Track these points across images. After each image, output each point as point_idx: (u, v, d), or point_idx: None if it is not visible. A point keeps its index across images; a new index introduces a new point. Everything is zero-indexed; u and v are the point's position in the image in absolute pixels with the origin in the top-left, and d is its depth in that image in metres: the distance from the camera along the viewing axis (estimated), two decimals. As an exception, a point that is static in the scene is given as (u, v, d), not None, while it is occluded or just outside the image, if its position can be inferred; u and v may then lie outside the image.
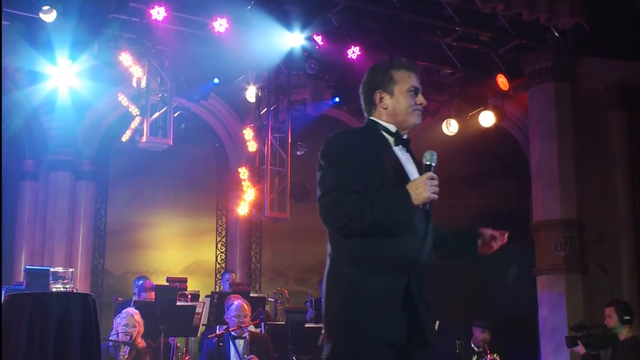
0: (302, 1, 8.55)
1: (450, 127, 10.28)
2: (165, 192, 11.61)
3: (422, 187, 2.92)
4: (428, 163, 3.01)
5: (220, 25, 8.10)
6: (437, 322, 7.22)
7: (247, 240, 11.89)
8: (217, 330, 7.26)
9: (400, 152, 3.11)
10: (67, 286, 4.41)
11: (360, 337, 2.88)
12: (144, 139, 8.59)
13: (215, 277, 11.74)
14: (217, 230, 12.00)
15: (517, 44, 9.57)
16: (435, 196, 2.94)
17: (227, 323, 7.06)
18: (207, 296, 8.18)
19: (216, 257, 11.92)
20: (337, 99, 9.62)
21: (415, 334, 2.93)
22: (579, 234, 9.20)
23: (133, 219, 11.44)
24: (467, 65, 9.96)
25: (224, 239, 12.00)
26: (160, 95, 8.78)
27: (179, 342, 7.57)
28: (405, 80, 3.13)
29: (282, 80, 9.67)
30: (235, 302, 7.04)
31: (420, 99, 3.15)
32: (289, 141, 9.70)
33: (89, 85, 9.46)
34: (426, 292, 3.03)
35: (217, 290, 10.29)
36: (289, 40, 8.56)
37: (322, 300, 3.08)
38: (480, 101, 10.06)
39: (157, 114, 8.72)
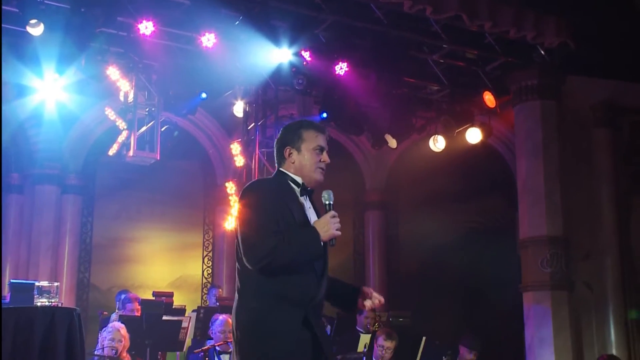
0: (290, 17, 8.57)
1: (438, 143, 10.29)
2: (151, 206, 11.56)
3: (327, 225, 3.24)
4: (328, 202, 3.32)
5: (208, 40, 8.08)
6: (424, 339, 7.22)
7: (234, 255, 11.82)
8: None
9: (304, 201, 3.41)
10: (52, 300, 4.39)
11: None
12: (131, 153, 8.58)
13: (202, 291, 11.69)
14: (203, 244, 11.95)
15: (503, 62, 9.64)
16: (339, 232, 3.25)
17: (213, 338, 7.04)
18: (193, 311, 8.14)
19: (202, 271, 11.87)
20: (324, 115, 9.60)
21: (318, 356, 3.25)
22: (565, 251, 9.23)
23: (119, 233, 11.38)
24: (454, 82, 10.02)
25: (210, 254, 11.96)
26: (147, 110, 8.80)
27: (170, 357, 7.50)
28: (312, 139, 3.42)
29: (270, 96, 9.69)
30: (220, 317, 7.01)
31: (324, 157, 3.44)
32: (277, 156, 9.68)
33: (76, 98, 9.41)
34: (322, 324, 3.43)
35: (203, 305, 10.24)
36: (277, 55, 8.56)
37: (234, 330, 3.31)
38: (467, 118, 10.09)
39: (144, 128, 8.72)
